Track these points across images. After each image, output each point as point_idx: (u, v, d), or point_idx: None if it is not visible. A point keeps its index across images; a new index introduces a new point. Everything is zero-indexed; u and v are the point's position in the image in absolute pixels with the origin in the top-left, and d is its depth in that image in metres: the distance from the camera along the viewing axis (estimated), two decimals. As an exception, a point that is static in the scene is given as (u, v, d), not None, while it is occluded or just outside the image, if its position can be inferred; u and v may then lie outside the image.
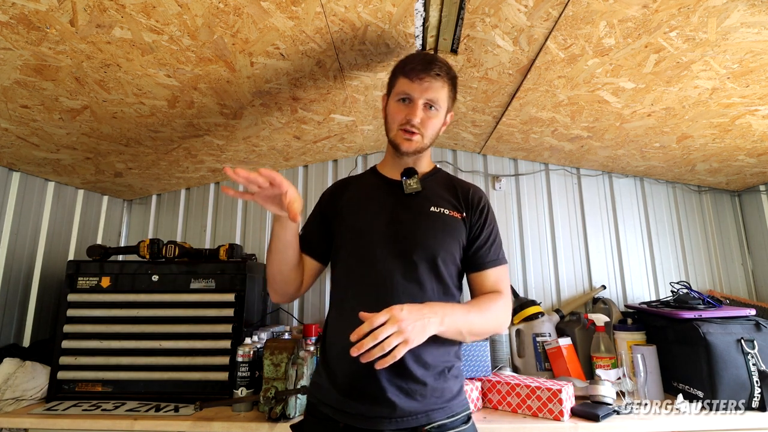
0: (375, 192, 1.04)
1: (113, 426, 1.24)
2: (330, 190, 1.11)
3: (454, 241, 0.96)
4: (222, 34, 1.01)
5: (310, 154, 1.95)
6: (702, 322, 1.38)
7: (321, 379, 0.95)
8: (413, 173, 1.01)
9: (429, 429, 0.86)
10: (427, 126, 0.97)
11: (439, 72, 0.94)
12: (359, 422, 0.86)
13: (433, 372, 0.89)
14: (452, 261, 0.96)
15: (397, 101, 0.97)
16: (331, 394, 0.90)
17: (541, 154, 1.96)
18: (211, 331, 1.45)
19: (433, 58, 0.96)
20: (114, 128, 1.37)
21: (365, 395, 0.86)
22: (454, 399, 0.91)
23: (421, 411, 0.87)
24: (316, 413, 0.93)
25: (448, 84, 0.97)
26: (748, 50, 1.06)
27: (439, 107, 0.97)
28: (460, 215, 0.98)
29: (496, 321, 0.93)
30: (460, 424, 0.90)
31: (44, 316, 1.67)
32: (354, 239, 0.98)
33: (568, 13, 1.00)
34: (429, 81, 0.93)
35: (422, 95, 0.94)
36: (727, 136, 1.51)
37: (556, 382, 1.32)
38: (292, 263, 0.97)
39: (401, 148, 0.98)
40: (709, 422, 1.24)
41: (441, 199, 1.00)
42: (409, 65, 0.95)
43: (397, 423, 0.85)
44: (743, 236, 2.01)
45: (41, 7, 0.85)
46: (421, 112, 0.95)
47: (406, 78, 0.95)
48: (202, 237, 2.07)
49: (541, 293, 1.94)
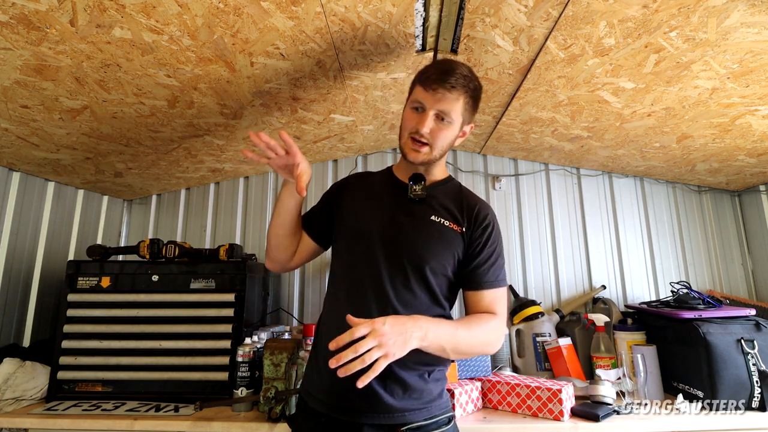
0: (380, 192, 1.04)
1: (113, 426, 1.24)
2: (344, 180, 1.14)
3: (448, 253, 0.94)
4: (222, 34, 1.01)
5: (310, 154, 1.95)
6: (702, 322, 1.38)
7: (310, 370, 0.98)
8: (421, 179, 1.01)
9: (405, 430, 0.86)
10: (438, 137, 0.94)
11: (455, 84, 0.90)
12: (338, 413, 0.88)
13: (414, 373, 0.89)
14: (443, 272, 0.94)
15: (411, 109, 0.96)
16: (316, 385, 0.93)
17: (541, 154, 1.96)
18: (211, 331, 1.45)
19: (451, 68, 0.92)
20: (114, 128, 1.37)
21: (346, 387, 0.85)
22: (434, 401, 0.91)
23: (398, 410, 0.87)
24: (303, 407, 0.96)
25: (465, 95, 0.93)
26: (748, 50, 1.06)
27: (452, 120, 0.93)
28: (460, 229, 0.96)
29: (485, 341, 0.91)
30: (441, 426, 0.90)
31: (44, 316, 1.67)
32: (351, 236, 0.99)
33: (568, 13, 1.00)
34: (442, 92, 0.91)
35: (434, 106, 0.92)
36: (727, 136, 1.51)
37: (556, 382, 1.32)
38: (289, 230, 1.03)
39: (408, 158, 0.97)
40: (709, 422, 1.24)
41: (443, 210, 0.98)
42: (426, 74, 0.94)
43: (373, 418, 0.86)
44: (743, 236, 2.01)
45: (41, 7, 0.85)
46: (432, 123, 0.92)
47: (421, 86, 0.94)
48: (202, 237, 2.07)
49: (541, 293, 1.94)
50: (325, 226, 1.07)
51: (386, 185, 1.06)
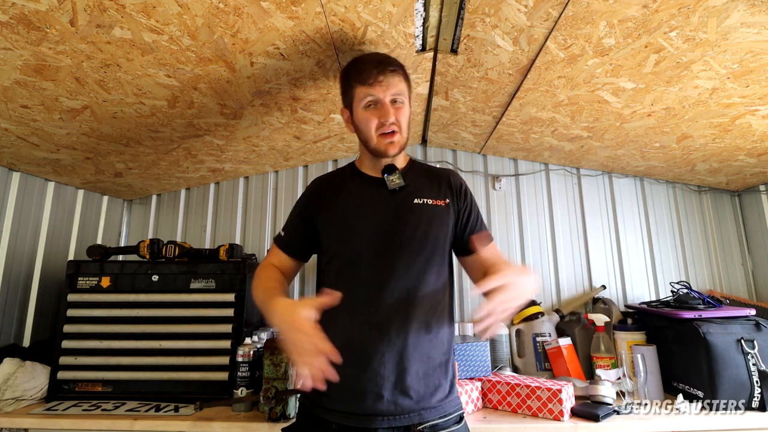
0: (359, 192, 1.03)
1: (113, 426, 1.24)
2: (311, 190, 1.10)
3: (441, 229, 0.98)
4: (222, 34, 1.01)
5: (310, 154, 1.95)
6: (702, 322, 1.38)
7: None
8: (394, 169, 1.02)
9: (422, 429, 0.87)
10: (401, 120, 0.99)
11: (395, 67, 0.98)
12: (353, 421, 0.86)
13: (428, 365, 0.90)
14: (442, 247, 0.98)
15: (365, 108, 0.98)
16: (323, 394, 0.89)
17: (541, 154, 1.96)
18: (211, 331, 1.45)
19: (380, 57, 1.00)
20: (114, 128, 1.37)
21: (359, 394, 0.86)
22: (447, 398, 0.92)
23: (414, 409, 0.87)
24: (308, 415, 0.93)
25: (402, 74, 1.00)
26: (748, 50, 1.06)
27: (405, 99, 1.00)
28: (444, 202, 1.01)
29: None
30: (453, 424, 0.91)
31: (44, 316, 1.67)
32: (343, 241, 0.98)
33: (568, 13, 1.00)
34: (389, 78, 0.96)
35: (387, 94, 0.96)
36: (727, 136, 1.51)
37: (556, 382, 1.32)
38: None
39: (388, 154, 0.99)
40: (709, 422, 1.24)
41: (423, 190, 1.01)
42: (363, 72, 0.97)
43: (390, 421, 0.86)
44: (743, 236, 2.01)
45: (41, 7, 0.85)
46: (392, 110, 0.97)
47: (363, 85, 0.96)
48: (202, 237, 2.07)
49: (541, 293, 1.94)
50: (308, 244, 1.06)
51: (361, 184, 1.04)
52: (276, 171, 2.12)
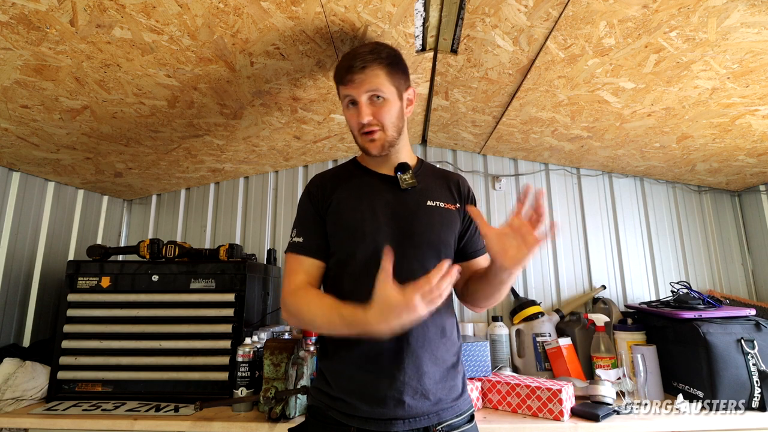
0: (370, 189, 0.99)
1: (113, 426, 1.24)
2: (316, 186, 1.02)
3: (451, 232, 0.98)
4: (222, 34, 1.01)
5: (310, 154, 1.95)
6: (702, 322, 1.38)
7: (324, 384, 0.92)
8: (407, 168, 1.00)
9: (440, 429, 0.87)
10: (383, 116, 0.93)
11: (365, 63, 0.90)
12: (372, 425, 0.85)
13: (443, 367, 0.90)
14: (451, 253, 0.98)
15: (346, 108, 0.97)
16: (340, 398, 0.88)
17: (541, 154, 1.96)
18: (211, 331, 1.45)
19: (354, 53, 0.93)
20: (114, 128, 1.37)
21: (380, 400, 0.86)
22: (460, 397, 0.93)
23: (432, 411, 0.87)
24: (322, 417, 0.90)
25: (380, 66, 0.92)
26: (748, 50, 1.06)
27: (385, 94, 0.92)
28: (455, 206, 1.00)
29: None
30: (465, 423, 0.91)
31: (44, 316, 1.67)
32: (354, 240, 0.94)
33: (568, 13, 1.00)
34: (358, 76, 0.91)
35: (360, 92, 0.91)
36: (727, 136, 1.51)
37: (556, 382, 1.32)
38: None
39: (370, 152, 0.96)
40: (709, 422, 1.24)
41: (436, 192, 1.00)
42: (338, 72, 0.95)
43: (409, 423, 0.85)
44: (743, 236, 2.01)
45: (41, 7, 0.85)
46: (368, 109, 0.92)
47: (341, 84, 0.95)
48: (202, 237, 2.07)
49: (541, 293, 1.94)
50: (328, 243, 0.99)
51: (372, 182, 1.00)
52: (276, 171, 2.12)
